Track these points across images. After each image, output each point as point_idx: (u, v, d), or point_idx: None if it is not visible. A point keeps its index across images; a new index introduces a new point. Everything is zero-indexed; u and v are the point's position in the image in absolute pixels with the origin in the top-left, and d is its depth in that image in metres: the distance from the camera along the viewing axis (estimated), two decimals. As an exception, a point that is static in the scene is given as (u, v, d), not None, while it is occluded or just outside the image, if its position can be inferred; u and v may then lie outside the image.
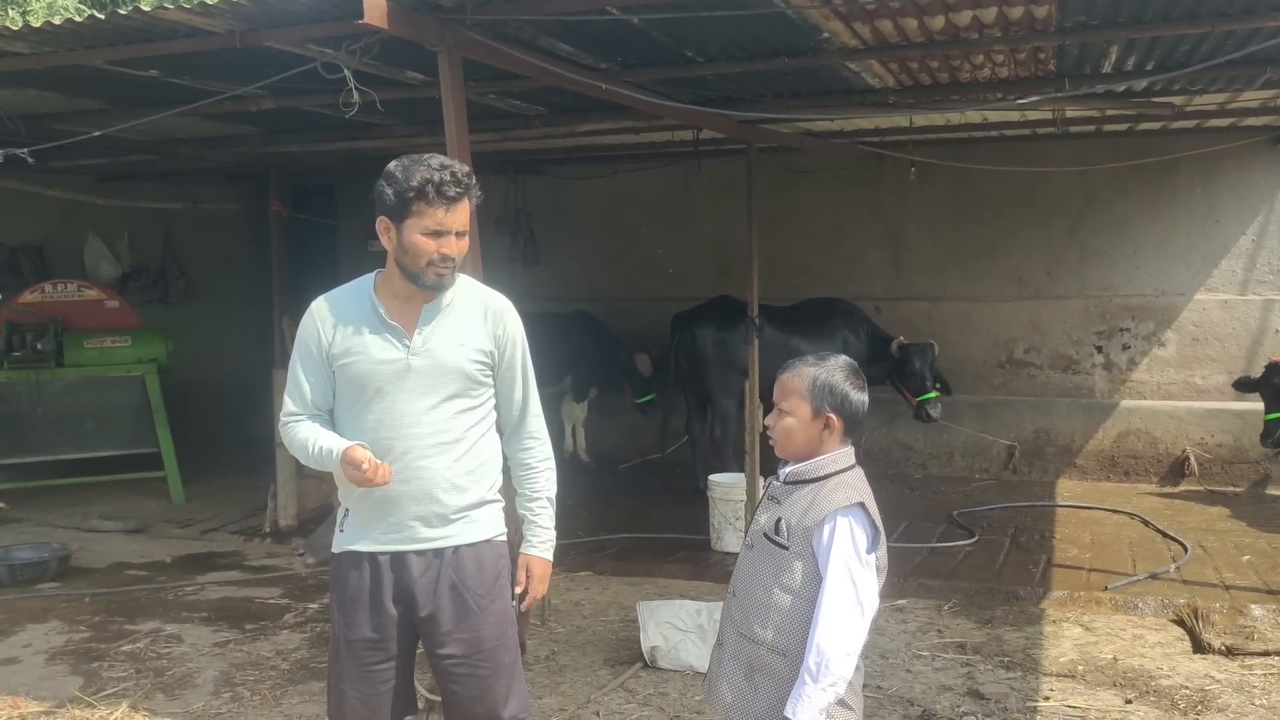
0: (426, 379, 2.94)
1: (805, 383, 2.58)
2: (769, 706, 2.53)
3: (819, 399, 2.57)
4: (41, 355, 8.51)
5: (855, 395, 2.60)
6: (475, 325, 3.01)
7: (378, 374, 2.94)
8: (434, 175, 2.83)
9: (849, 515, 2.49)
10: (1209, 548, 6.81)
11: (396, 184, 2.85)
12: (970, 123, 7.70)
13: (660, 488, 9.01)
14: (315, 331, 3.01)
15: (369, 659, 3.01)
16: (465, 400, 3.00)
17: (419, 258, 2.87)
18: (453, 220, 2.86)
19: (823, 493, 2.53)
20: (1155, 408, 9.05)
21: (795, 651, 2.50)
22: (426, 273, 2.89)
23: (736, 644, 2.63)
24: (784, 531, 2.54)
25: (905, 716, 4.47)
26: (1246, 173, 8.80)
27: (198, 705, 4.73)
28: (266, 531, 7.75)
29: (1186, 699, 4.60)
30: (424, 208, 2.83)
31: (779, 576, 2.52)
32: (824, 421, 2.57)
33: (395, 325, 2.96)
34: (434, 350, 2.95)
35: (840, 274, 9.81)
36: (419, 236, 2.86)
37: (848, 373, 2.61)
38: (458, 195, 2.85)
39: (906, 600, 6.01)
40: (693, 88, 5.98)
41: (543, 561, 3.16)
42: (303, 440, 2.98)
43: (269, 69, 4.69)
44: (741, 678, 2.59)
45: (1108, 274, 9.25)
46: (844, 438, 2.61)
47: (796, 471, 2.61)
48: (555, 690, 4.82)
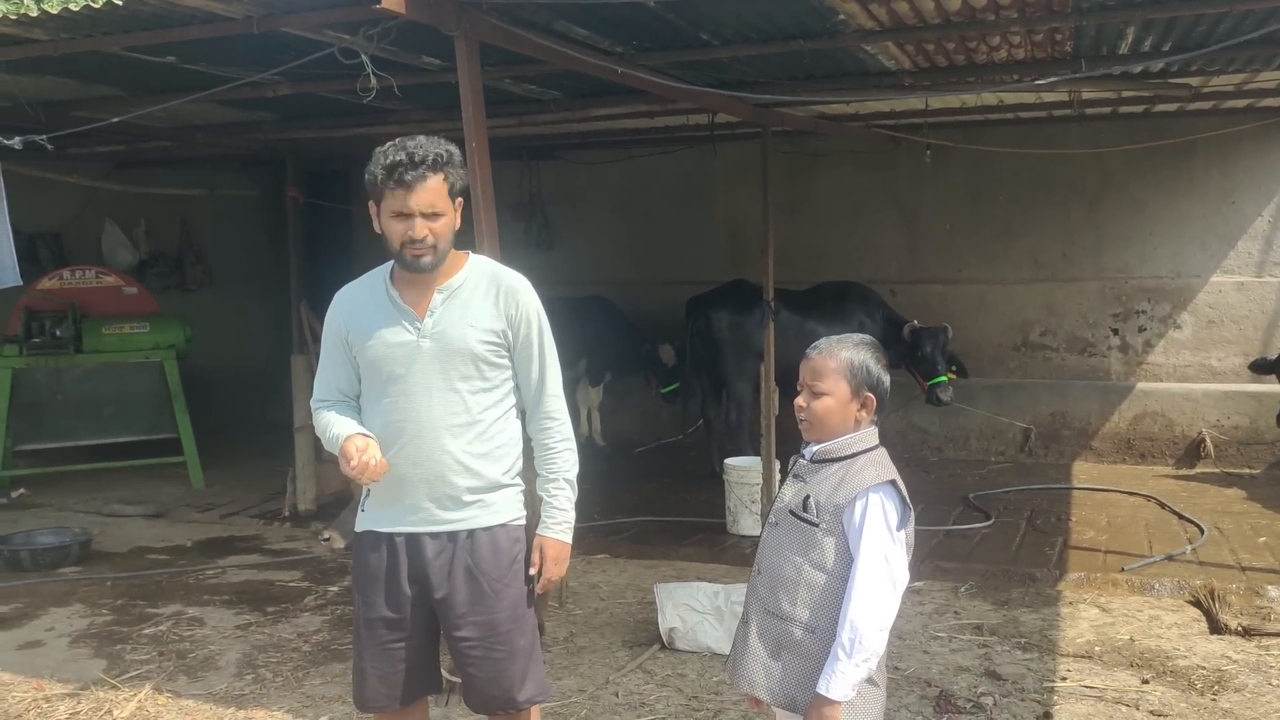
0: (437, 361, 2.97)
1: (842, 363, 2.58)
2: (797, 683, 2.54)
3: (857, 379, 2.58)
4: (60, 342, 8.57)
5: (885, 375, 2.62)
6: (486, 305, 3.02)
7: (390, 357, 2.98)
8: (390, 159, 2.86)
9: (880, 492, 2.50)
10: (1225, 529, 6.80)
11: (371, 169, 2.91)
12: (986, 105, 7.67)
13: (676, 471, 9.03)
14: (336, 320, 3.09)
15: (387, 638, 3.06)
16: (478, 382, 3.01)
17: (392, 240, 2.93)
18: (416, 202, 2.87)
19: (853, 470, 2.54)
20: (1171, 390, 9.03)
21: (826, 629, 2.51)
22: (403, 254, 2.93)
23: (763, 621, 2.63)
24: (813, 509, 2.54)
25: (923, 697, 4.49)
26: (1264, 154, 8.74)
27: (221, 687, 4.78)
28: (286, 515, 7.81)
29: (1203, 679, 4.60)
30: (387, 192, 2.88)
31: (808, 553, 2.53)
32: (861, 401, 2.58)
33: (407, 309, 2.99)
34: (443, 332, 2.97)
35: (855, 257, 9.79)
36: (389, 220, 2.91)
37: (876, 353, 2.62)
38: (415, 178, 2.85)
39: (923, 582, 6.02)
40: (708, 71, 5.97)
41: (557, 543, 3.15)
42: (323, 426, 3.05)
43: (286, 54, 4.71)
44: (769, 655, 2.60)
45: (1123, 256, 9.21)
46: (874, 417, 2.62)
47: (824, 450, 2.61)
48: (574, 671, 4.86)
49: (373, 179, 2.90)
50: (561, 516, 3.16)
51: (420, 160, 2.86)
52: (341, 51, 4.31)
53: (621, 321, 9.72)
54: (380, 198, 2.91)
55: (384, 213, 2.91)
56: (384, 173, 2.86)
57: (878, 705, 2.57)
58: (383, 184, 2.87)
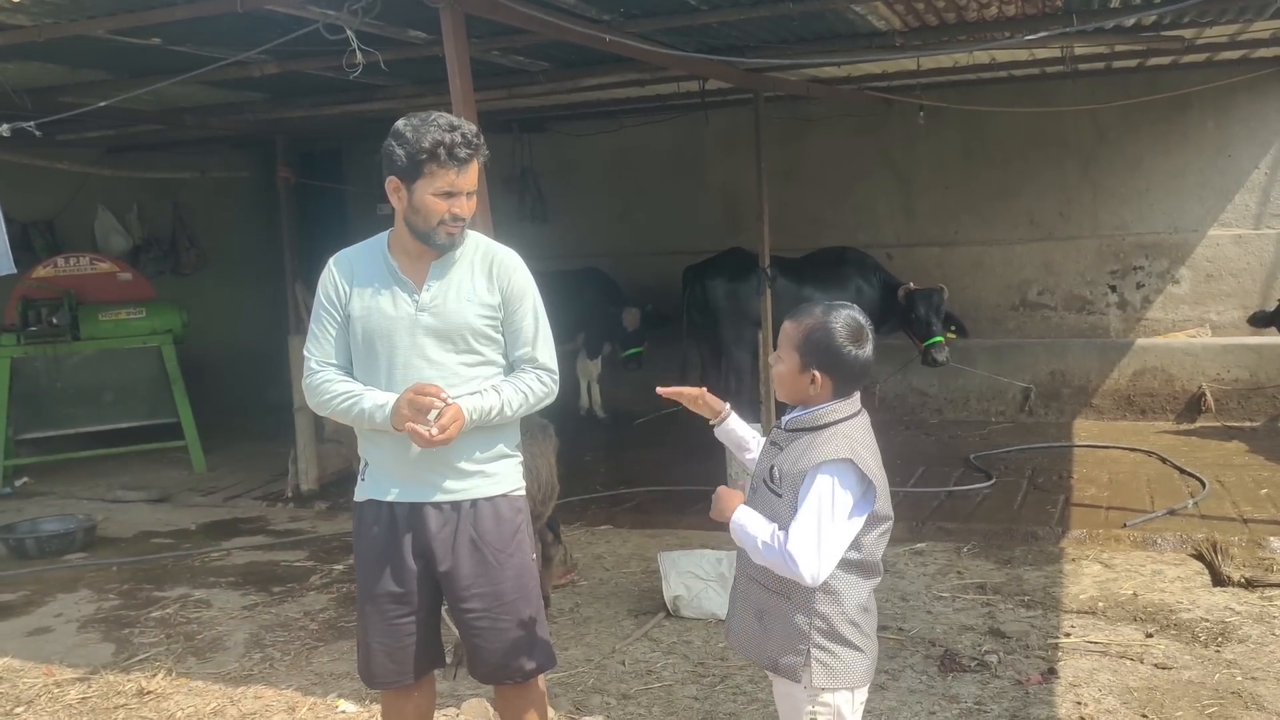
0: (436, 334, 2.97)
1: (800, 334, 2.54)
2: (778, 647, 2.56)
3: (807, 354, 2.52)
4: (57, 329, 8.55)
5: (851, 353, 2.51)
6: (481, 280, 3.02)
7: (389, 328, 2.97)
8: (445, 137, 2.82)
9: (831, 472, 2.44)
10: (1227, 482, 6.82)
11: (407, 145, 2.84)
12: (978, 64, 7.62)
13: (677, 441, 9.02)
14: (334, 286, 3.05)
15: (393, 613, 3.06)
16: (476, 355, 3.01)
17: (430, 218, 2.89)
18: (464, 181, 2.88)
19: (815, 443, 2.50)
20: (1171, 345, 9.02)
21: (798, 594, 2.52)
22: (438, 232, 2.91)
23: (747, 587, 2.66)
24: (777, 479, 2.54)
25: (927, 657, 4.51)
26: (1259, 105, 8.70)
27: (230, 667, 4.80)
28: (289, 496, 7.83)
29: (1207, 631, 4.62)
30: (436, 169, 2.84)
31: (775, 521, 2.51)
32: (810, 377, 2.53)
33: (407, 280, 2.99)
34: (442, 305, 2.97)
35: (851, 222, 9.77)
36: (430, 197, 2.87)
37: (849, 329, 2.52)
38: (468, 156, 2.86)
39: (925, 543, 6.04)
40: (697, 37, 5.93)
41: (460, 412, 2.88)
42: (332, 394, 2.98)
43: (271, 33, 4.67)
44: (753, 619, 2.62)
45: (1120, 212, 9.19)
46: (836, 392, 2.55)
47: (796, 420, 2.59)
48: (580, 641, 4.88)
49: (414, 155, 2.83)
50: (478, 402, 2.96)
51: (472, 139, 2.86)
52: (326, 28, 4.28)
53: (618, 293, 9.70)
54: (418, 174, 2.85)
55: (423, 190, 2.86)
56: (445, 151, 2.81)
57: (860, 668, 2.55)
58: (434, 161, 2.82)
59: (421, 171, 2.85)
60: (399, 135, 2.87)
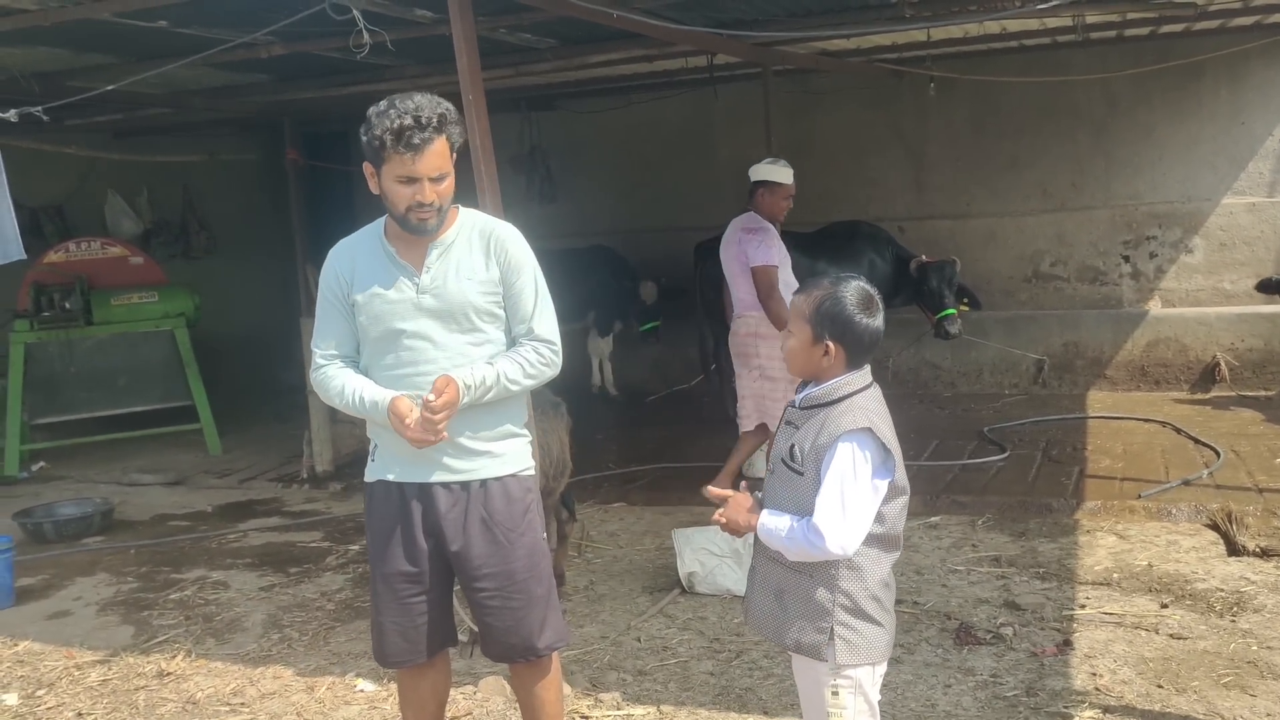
0: (438, 316, 2.97)
1: (811, 306, 2.55)
2: (799, 626, 2.57)
3: (819, 325, 2.53)
4: (70, 314, 8.59)
5: (862, 321, 2.52)
6: (479, 258, 3.01)
7: (391, 313, 2.97)
8: (396, 122, 2.78)
9: (852, 440, 2.46)
10: (1241, 452, 6.79)
11: (370, 131, 2.83)
12: (989, 34, 7.56)
13: (689, 418, 9.04)
14: (335, 277, 3.06)
15: (406, 592, 3.08)
16: (479, 334, 3.01)
17: (398, 204, 2.88)
18: (423, 166, 2.82)
19: (832, 416, 2.51)
20: (1184, 315, 8.97)
21: (820, 572, 2.53)
22: (408, 218, 2.90)
23: (765, 567, 2.66)
24: (798, 457, 2.54)
25: (942, 630, 4.51)
26: (1272, 72, 8.62)
27: (249, 647, 4.84)
28: (304, 477, 7.86)
29: (1222, 601, 4.62)
30: (393, 155, 2.81)
31: (796, 501, 2.53)
32: (824, 348, 2.54)
33: (406, 265, 2.98)
34: (443, 287, 2.96)
35: (863, 196, 9.72)
36: (393, 184, 2.86)
37: (858, 299, 2.53)
38: (423, 141, 2.80)
39: (940, 517, 6.04)
40: (705, 11, 5.89)
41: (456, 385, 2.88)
42: (339, 387, 3.02)
43: (278, 13, 4.66)
44: (772, 599, 2.63)
45: (1133, 182, 9.13)
46: (849, 363, 2.57)
47: (810, 396, 2.60)
48: (595, 619, 4.90)
49: (375, 143, 2.82)
50: (474, 375, 2.94)
51: (426, 123, 2.80)
52: (333, 7, 4.27)
53: (628, 271, 9.68)
54: (382, 161, 2.84)
55: (386, 176, 2.86)
56: (392, 137, 2.78)
57: (882, 643, 2.57)
58: (391, 148, 2.79)
59: (383, 158, 2.83)
60: (366, 121, 2.85)
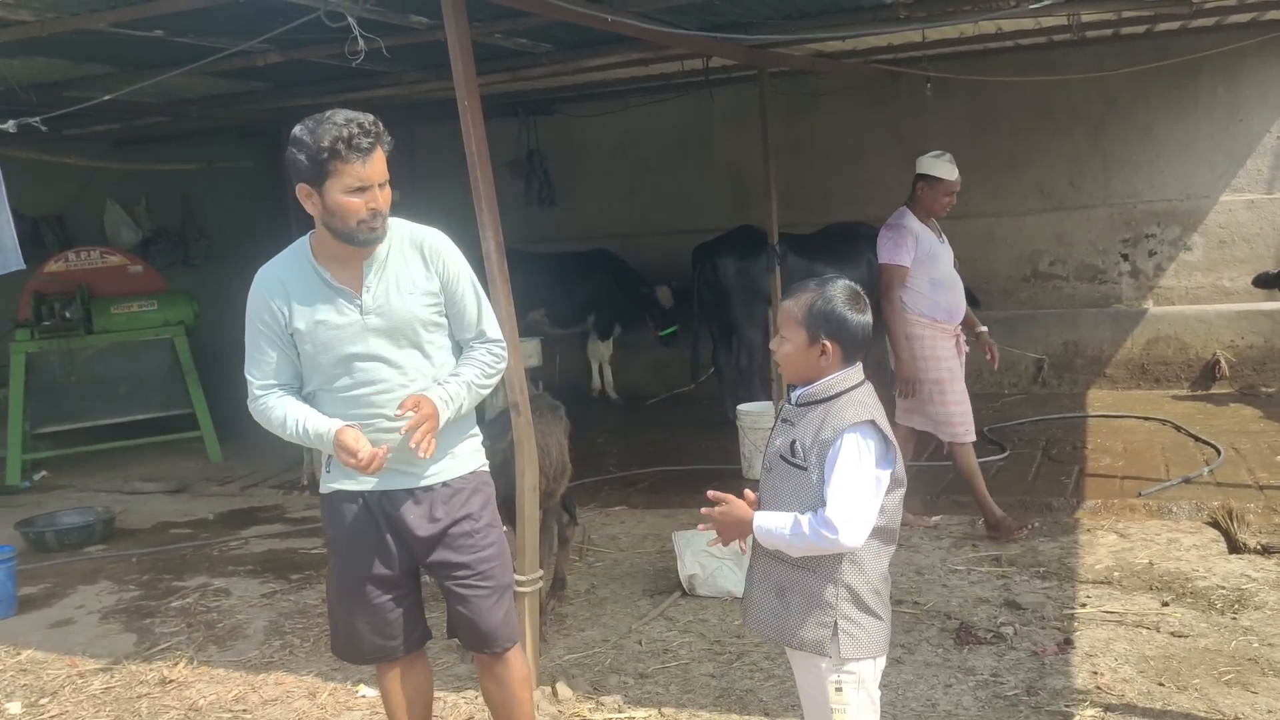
0: (387, 334, 2.97)
1: (802, 310, 2.60)
2: (801, 622, 2.58)
3: (814, 326, 2.58)
4: (70, 323, 8.61)
5: (854, 318, 2.58)
6: (417, 269, 3.01)
7: (339, 339, 2.95)
8: (341, 131, 2.77)
9: (857, 431, 2.51)
10: (1242, 449, 6.79)
11: (306, 148, 2.79)
12: (984, 34, 7.56)
13: (689, 420, 9.04)
14: (266, 305, 2.99)
15: (376, 595, 3.11)
16: (429, 345, 3.04)
17: (348, 217, 2.84)
18: (371, 172, 2.82)
19: (833, 410, 2.55)
20: (1184, 313, 8.98)
21: (823, 567, 2.55)
22: (358, 231, 2.86)
23: (766, 566, 2.67)
24: (799, 452, 2.57)
25: (943, 630, 4.51)
26: (1270, 69, 8.62)
27: (251, 654, 4.84)
28: (305, 484, 7.86)
29: (1223, 599, 4.62)
30: (340, 165, 2.79)
31: (799, 496, 2.56)
32: (820, 348, 2.58)
33: (343, 288, 2.96)
34: (386, 305, 2.96)
35: (860, 197, 9.71)
36: (342, 196, 2.82)
37: (847, 297, 2.59)
38: (370, 145, 2.80)
39: (940, 517, 6.04)
40: (700, 14, 5.89)
41: (431, 403, 2.94)
42: (280, 418, 2.98)
43: (274, 21, 4.66)
44: (774, 598, 2.64)
45: (1131, 180, 9.13)
46: (844, 360, 2.61)
47: (807, 393, 2.63)
48: (597, 622, 4.90)
49: (320, 155, 2.77)
50: (448, 393, 3.00)
51: (370, 129, 2.81)
52: (328, 15, 4.27)
53: (628, 274, 9.69)
54: (327, 175, 2.79)
55: (333, 190, 2.81)
56: (344, 145, 2.76)
57: (882, 636, 2.60)
58: (343, 156, 2.77)
59: (327, 171, 2.80)
60: (296, 140, 2.82)
